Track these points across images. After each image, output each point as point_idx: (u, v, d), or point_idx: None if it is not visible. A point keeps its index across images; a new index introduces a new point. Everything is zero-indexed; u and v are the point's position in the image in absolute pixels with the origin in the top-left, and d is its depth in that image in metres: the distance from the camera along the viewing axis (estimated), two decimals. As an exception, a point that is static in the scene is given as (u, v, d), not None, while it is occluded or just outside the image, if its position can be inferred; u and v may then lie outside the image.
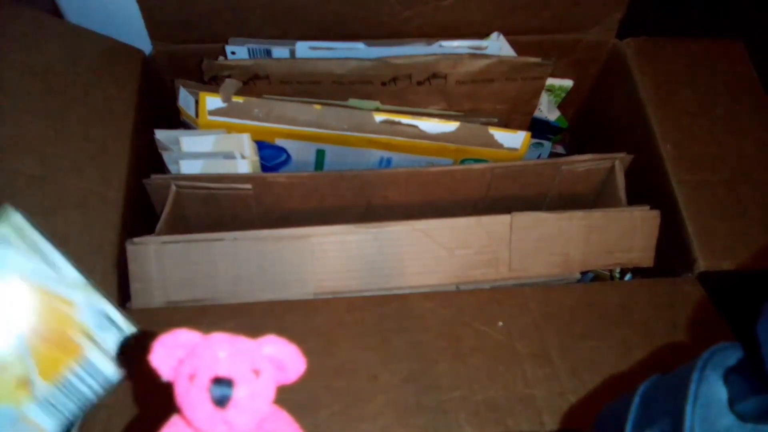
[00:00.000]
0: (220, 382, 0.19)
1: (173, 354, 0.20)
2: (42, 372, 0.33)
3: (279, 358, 0.20)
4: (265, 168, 0.57)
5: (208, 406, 0.19)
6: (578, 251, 0.48)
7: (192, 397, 0.19)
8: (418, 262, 0.47)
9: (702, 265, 0.47)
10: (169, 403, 0.21)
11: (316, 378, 0.39)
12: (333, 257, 0.46)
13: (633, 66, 0.59)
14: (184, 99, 0.54)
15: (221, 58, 0.56)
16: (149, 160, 0.54)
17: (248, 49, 0.55)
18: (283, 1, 0.54)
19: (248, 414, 0.19)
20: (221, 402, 0.19)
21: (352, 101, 0.58)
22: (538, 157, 0.71)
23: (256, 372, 0.19)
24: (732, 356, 0.22)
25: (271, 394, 0.20)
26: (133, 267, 0.44)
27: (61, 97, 0.49)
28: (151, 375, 0.20)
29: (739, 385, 0.21)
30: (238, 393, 0.18)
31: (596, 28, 0.61)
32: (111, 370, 0.36)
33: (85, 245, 0.43)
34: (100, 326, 0.35)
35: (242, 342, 0.20)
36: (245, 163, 0.52)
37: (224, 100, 0.52)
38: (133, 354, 0.36)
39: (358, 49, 0.56)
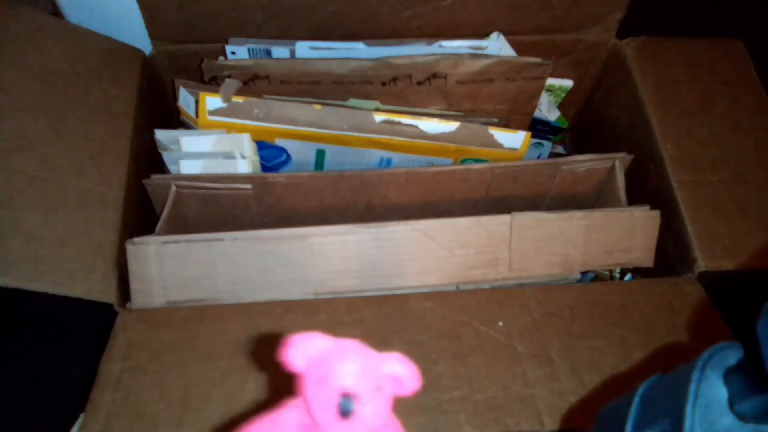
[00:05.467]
0: (346, 395, 0.21)
1: (305, 353, 0.22)
2: None
3: (399, 375, 0.22)
4: (265, 168, 0.57)
5: (333, 415, 0.21)
6: (578, 251, 0.48)
7: (320, 402, 0.21)
8: (418, 262, 0.47)
9: (702, 265, 0.47)
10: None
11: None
12: (333, 257, 0.46)
13: (633, 66, 0.59)
14: (184, 99, 0.54)
15: (221, 58, 0.56)
16: (149, 160, 0.54)
17: (248, 49, 0.55)
18: (283, 1, 0.54)
19: (367, 427, 0.21)
20: (345, 414, 0.21)
21: (352, 101, 0.58)
22: (538, 157, 0.71)
23: (379, 388, 0.22)
24: (732, 356, 0.22)
25: (389, 408, 0.22)
26: (133, 267, 0.44)
27: (61, 97, 0.49)
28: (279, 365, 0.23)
29: (739, 385, 0.21)
30: (362, 409, 0.21)
31: (596, 28, 0.61)
32: None
33: (85, 245, 0.43)
34: None
35: (370, 357, 0.22)
36: (245, 163, 0.52)
37: (224, 100, 0.52)
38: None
39: (358, 49, 0.56)
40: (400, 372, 0.22)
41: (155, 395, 0.38)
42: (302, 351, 0.22)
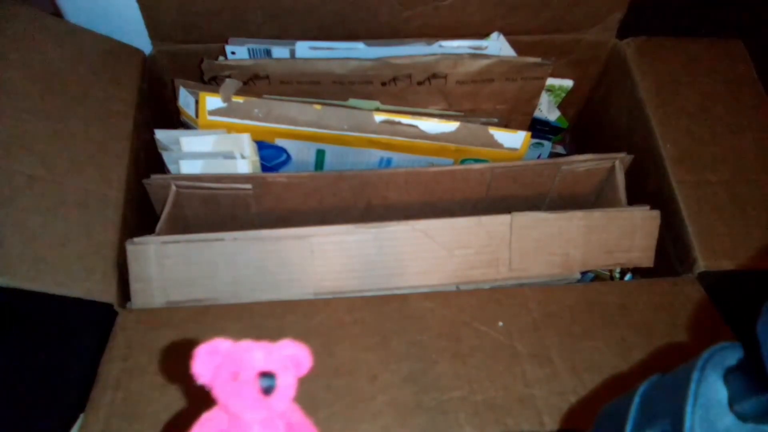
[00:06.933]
0: (264, 375, 0.23)
1: (213, 360, 0.24)
2: None
3: (296, 357, 0.25)
4: (265, 168, 0.57)
5: (256, 395, 0.23)
6: (578, 251, 0.48)
7: (239, 392, 0.23)
8: (418, 262, 0.47)
9: (702, 265, 0.47)
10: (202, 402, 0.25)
11: (317, 378, 0.39)
12: (333, 257, 0.46)
13: (633, 66, 0.59)
14: (184, 99, 0.54)
15: (221, 58, 0.56)
16: (149, 160, 0.54)
17: (248, 49, 0.55)
18: (283, 1, 0.54)
19: (286, 399, 0.24)
20: (267, 390, 0.23)
21: (352, 101, 0.58)
22: (538, 157, 0.71)
23: (285, 367, 0.24)
24: (732, 356, 0.22)
25: (296, 385, 0.24)
26: (133, 267, 0.44)
27: (61, 97, 0.49)
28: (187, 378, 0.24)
29: (739, 385, 0.21)
30: (281, 382, 0.23)
31: (596, 28, 0.61)
32: None
33: (85, 245, 0.43)
34: None
35: (270, 345, 0.25)
36: (245, 163, 0.52)
37: (224, 100, 0.52)
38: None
39: (358, 49, 0.56)
40: (296, 353, 0.25)
41: (155, 395, 0.38)
42: (208, 360, 0.24)
